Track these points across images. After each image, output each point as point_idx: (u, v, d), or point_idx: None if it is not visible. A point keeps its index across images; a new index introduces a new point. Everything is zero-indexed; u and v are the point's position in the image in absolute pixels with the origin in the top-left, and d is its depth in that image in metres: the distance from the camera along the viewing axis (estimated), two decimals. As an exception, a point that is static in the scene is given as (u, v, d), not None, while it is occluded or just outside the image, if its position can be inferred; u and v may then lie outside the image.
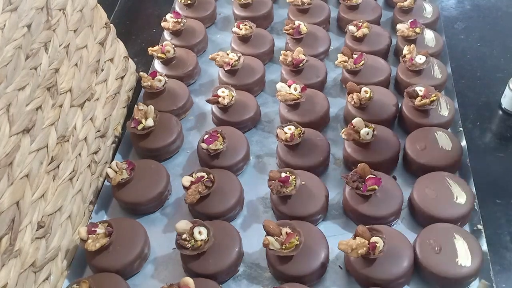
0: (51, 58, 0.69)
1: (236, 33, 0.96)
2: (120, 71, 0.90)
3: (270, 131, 0.89)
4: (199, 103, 0.95)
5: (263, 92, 0.96)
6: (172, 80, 0.92)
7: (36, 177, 0.64)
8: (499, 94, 0.91)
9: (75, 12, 0.75)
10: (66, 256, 0.70)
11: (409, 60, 0.88)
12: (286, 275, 0.67)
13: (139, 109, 0.83)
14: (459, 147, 0.79)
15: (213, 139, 0.78)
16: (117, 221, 0.73)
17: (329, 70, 0.96)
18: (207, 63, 1.00)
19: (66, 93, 0.72)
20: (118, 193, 0.77)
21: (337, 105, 0.92)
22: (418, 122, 0.83)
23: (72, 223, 0.72)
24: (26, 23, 0.63)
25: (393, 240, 0.67)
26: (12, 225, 0.59)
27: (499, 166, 0.83)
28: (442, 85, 0.90)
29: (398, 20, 1.02)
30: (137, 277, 0.72)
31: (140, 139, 0.83)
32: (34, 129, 0.64)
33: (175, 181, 0.81)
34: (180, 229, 0.67)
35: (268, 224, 0.66)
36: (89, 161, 0.78)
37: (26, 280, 0.62)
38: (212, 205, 0.74)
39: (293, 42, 0.97)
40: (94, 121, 0.79)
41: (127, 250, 0.70)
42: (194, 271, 0.68)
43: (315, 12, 1.04)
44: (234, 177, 0.78)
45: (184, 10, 1.08)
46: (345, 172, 0.80)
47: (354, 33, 0.96)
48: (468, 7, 1.14)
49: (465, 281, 0.66)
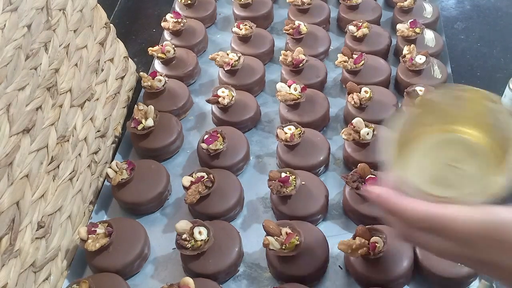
0: (51, 58, 0.69)
1: (236, 33, 0.97)
2: (120, 71, 0.90)
3: (270, 131, 0.89)
4: (199, 103, 0.95)
5: (263, 92, 0.96)
6: (172, 80, 0.92)
7: (36, 177, 0.64)
8: (499, 94, 0.91)
9: (75, 12, 0.75)
10: (66, 256, 0.70)
11: (409, 60, 0.89)
12: (286, 275, 0.67)
13: (139, 109, 0.83)
14: (459, 147, 0.79)
15: (213, 139, 0.78)
16: (117, 221, 0.73)
17: (329, 70, 0.96)
18: (207, 63, 1.00)
19: (66, 93, 0.72)
20: (118, 193, 0.77)
21: (337, 105, 0.92)
22: (418, 122, 0.83)
23: (72, 223, 0.72)
24: (26, 23, 0.63)
25: (393, 240, 0.67)
26: (12, 225, 0.59)
27: (499, 166, 0.83)
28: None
29: (398, 20, 1.02)
30: (137, 277, 0.72)
31: (140, 139, 0.83)
32: (34, 129, 0.64)
33: (175, 181, 0.81)
34: (180, 229, 0.67)
35: (268, 224, 0.66)
36: (89, 161, 0.78)
37: (26, 280, 0.62)
38: (212, 205, 0.74)
39: (293, 42, 0.97)
40: (94, 121, 0.79)
41: (127, 250, 0.70)
42: (194, 271, 0.68)
43: (315, 12, 1.04)
44: (234, 177, 0.78)
45: (184, 10, 1.08)
46: (345, 172, 0.80)
47: (354, 33, 0.96)
48: (468, 7, 1.14)
49: (465, 281, 0.66)
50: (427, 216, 0.37)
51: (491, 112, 0.44)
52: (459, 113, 0.47)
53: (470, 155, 0.46)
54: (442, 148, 0.47)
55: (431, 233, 0.38)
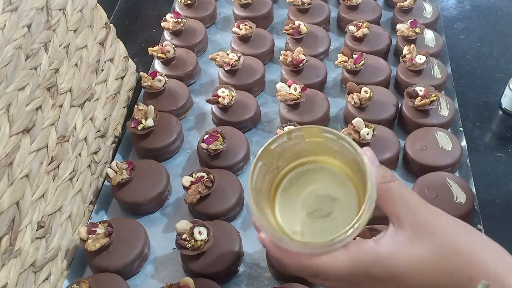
0: (51, 58, 0.69)
1: (236, 33, 0.97)
2: (120, 71, 0.90)
3: (270, 131, 0.89)
4: (199, 103, 0.95)
5: (263, 92, 0.96)
6: (172, 80, 0.92)
7: (36, 177, 0.64)
8: (499, 94, 0.91)
9: (75, 12, 0.75)
10: (66, 256, 0.70)
11: (409, 60, 0.89)
12: (286, 275, 0.67)
13: (139, 109, 0.83)
14: (459, 147, 0.79)
15: (213, 139, 0.78)
16: (117, 221, 0.73)
17: (329, 70, 0.96)
18: (207, 63, 1.00)
19: (66, 93, 0.72)
20: (118, 193, 0.77)
21: (337, 105, 0.92)
22: (418, 122, 0.83)
23: (72, 223, 0.72)
24: (26, 23, 0.63)
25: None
26: (12, 225, 0.59)
27: (499, 166, 0.83)
28: (442, 85, 0.90)
29: (398, 20, 1.02)
30: (137, 277, 0.72)
31: (140, 139, 0.83)
32: (34, 129, 0.64)
33: (175, 181, 0.81)
34: (180, 229, 0.67)
35: (268, 224, 0.66)
36: (89, 161, 0.78)
37: (26, 280, 0.62)
38: (212, 205, 0.74)
39: (293, 42, 0.97)
40: (94, 121, 0.79)
41: (127, 250, 0.70)
42: (194, 271, 0.68)
43: (315, 12, 1.04)
44: (234, 177, 0.78)
45: (184, 10, 1.08)
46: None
47: (354, 33, 0.96)
48: (468, 7, 1.14)
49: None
50: (307, 266, 0.44)
51: (333, 142, 0.46)
52: (305, 148, 0.48)
53: (330, 187, 0.48)
54: (303, 185, 0.49)
55: (316, 277, 0.45)
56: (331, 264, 0.42)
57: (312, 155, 0.48)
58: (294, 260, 0.44)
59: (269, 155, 0.47)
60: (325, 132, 0.46)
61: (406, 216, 0.43)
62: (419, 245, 0.42)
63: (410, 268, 0.41)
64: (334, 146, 0.46)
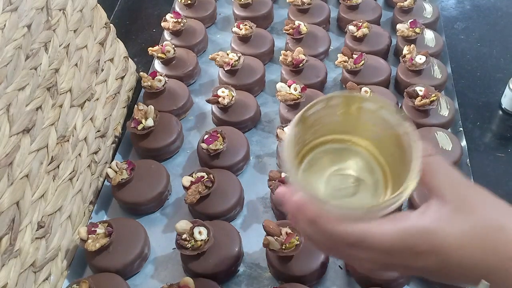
0: (51, 58, 0.69)
1: (236, 33, 0.96)
2: (120, 71, 0.90)
3: (270, 131, 0.89)
4: (199, 103, 0.95)
5: (263, 92, 0.96)
6: (172, 80, 0.92)
7: (36, 177, 0.64)
8: (499, 94, 0.91)
9: (75, 12, 0.75)
10: (66, 256, 0.70)
11: (409, 60, 0.89)
12: (286, 275, 0.67)
13: (139, 109, 0.83)
14: (459, 147, 0.79)
15: (213, 139, 0.78)
16: (117, 221, 0.73)
17: (329, 70, 0.96)
18: (207, 63, 1.00)
19: (66, 93, 0.72)
20: (118, 193, 0.77)
21: (337, 105, 0.91)
22: (418, 122, 0.83)
23: (72, 223, 0.72)
24: (26, 23, 0.63)
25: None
26: (12, 225, 0.59)
27: (499, 166, 0.83)
28: (442, 85, 0.90)
29: (398, 20, 1.02)
30: (137, 277, 0.72)
31: (140, 139, 0.83)
32: (34, 129, 0.64)
33: (175, 181, 0.81)
34: (180, 229, 0.67)
35: (268, 224, 0.66)
36: (89, 161, 0.78)
37: (26, 280, 0.62)
38: (212, 205, 0.74)
39: (293, 42, 0.97)
40: (94, 121, 0.79)
41: (127, 250, 0.70)
42: (194, 271, 0.68)
43: (315, 12, 1.04)
44: (234, 177, 0.78)
45: (184, 10, 1.08)
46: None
47: (354, 33, 0.96)
48: (468, 7, 1.14)
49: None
50: (349, 234, 0.41)
51: (368, 115, 0.44)
52: (335, 123, 0.46)
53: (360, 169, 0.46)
54: (334, 160, 0.47)
55: (353, 247, 0.42)
56: (380, 233, 0.40)
57: (341, 133, 0.46)
58: (334, 229, 0.41)
59: (303, 123, 0.44)
60: (366, 101, 0.44)
61: (449, 190, 0.41)
62: (463, 220, 0.40)
63: (454, 243, 0.40)
64: (368, 121, 0.44)
